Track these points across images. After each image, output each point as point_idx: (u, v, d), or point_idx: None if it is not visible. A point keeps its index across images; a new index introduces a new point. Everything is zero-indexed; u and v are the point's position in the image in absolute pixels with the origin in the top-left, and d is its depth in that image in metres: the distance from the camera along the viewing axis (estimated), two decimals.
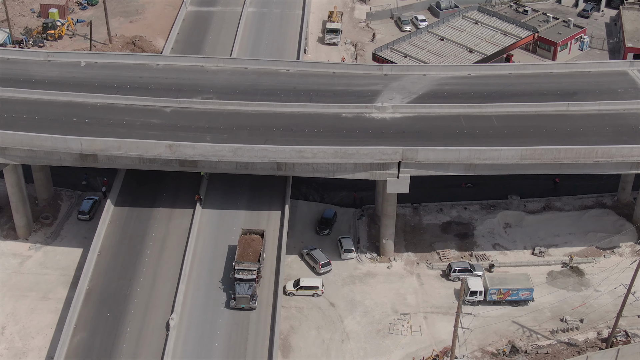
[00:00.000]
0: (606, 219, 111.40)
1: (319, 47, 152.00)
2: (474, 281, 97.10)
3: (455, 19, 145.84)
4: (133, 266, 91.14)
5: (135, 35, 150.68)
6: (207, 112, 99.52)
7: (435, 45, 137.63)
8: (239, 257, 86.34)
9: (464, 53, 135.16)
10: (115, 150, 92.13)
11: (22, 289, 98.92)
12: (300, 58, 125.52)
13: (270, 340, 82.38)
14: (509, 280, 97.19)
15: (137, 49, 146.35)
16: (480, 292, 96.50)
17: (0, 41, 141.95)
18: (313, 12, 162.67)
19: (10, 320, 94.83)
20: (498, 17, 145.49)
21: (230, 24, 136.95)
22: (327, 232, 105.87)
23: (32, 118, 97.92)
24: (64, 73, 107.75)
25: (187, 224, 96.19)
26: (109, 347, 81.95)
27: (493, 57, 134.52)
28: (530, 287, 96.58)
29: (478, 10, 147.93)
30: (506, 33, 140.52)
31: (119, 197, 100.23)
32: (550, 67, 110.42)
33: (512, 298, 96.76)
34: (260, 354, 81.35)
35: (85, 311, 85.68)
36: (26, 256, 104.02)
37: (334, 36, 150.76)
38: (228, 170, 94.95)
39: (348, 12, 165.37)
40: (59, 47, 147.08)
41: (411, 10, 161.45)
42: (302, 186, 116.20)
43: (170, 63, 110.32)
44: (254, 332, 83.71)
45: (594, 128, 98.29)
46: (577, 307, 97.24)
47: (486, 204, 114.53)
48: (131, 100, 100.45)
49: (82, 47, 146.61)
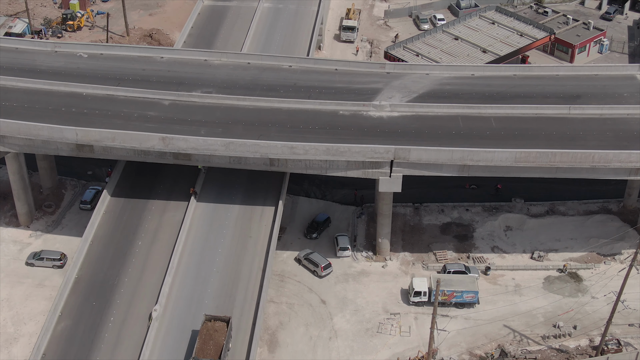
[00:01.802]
0: (610, 225, 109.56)
1: (334, 44, 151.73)
2: (419, 281, 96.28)
3: (472, 18, 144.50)
4: (123, 257, 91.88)
5: (153, 28, 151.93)
6: (205, 106, 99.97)
7: (449, 44, 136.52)
8: (197, 353, 77.83)
9: (477, 53, 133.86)
10: (110, 142, 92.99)
11: (19, 275, 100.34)
12: (310, 54, 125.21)
13: (250, 337, 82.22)
14: (454, 282, 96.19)
15: (153, 42, 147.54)
16: (424, 292, 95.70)
17: (19, 31, 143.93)
18: (332, 9, 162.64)
19: (4, 306, 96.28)
20: (516, 17, 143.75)
21: (244, 19, 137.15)
22: (315, 237, 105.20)
23: (32, 107, 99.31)
24: (69, 64, 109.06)
25: (180, 217, 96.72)
26: (92, 335, 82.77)
27: (507, 58, 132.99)
28: (475, 290, 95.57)
29: (496, 10, 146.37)
30: (522, 34, 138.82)
31: (116, 188, 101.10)
32: (556, 69, 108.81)
33: (456, 300, 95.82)
34: (240, 350, 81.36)
35: (72, 299, 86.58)
36: (26, 243, 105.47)
37: (350, 33, 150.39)
38: (221, 164, 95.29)
39: (367, 9, 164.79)
40: (77, 38, 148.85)
41: (431, 9, 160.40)
42: (304, 182, 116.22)
43: (174, 56, 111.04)
44: (235, 327, 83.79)
45: (595, 132, 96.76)
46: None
47: (489, 206, 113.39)
48: (131, 92, 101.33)
49: (100, 38, 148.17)
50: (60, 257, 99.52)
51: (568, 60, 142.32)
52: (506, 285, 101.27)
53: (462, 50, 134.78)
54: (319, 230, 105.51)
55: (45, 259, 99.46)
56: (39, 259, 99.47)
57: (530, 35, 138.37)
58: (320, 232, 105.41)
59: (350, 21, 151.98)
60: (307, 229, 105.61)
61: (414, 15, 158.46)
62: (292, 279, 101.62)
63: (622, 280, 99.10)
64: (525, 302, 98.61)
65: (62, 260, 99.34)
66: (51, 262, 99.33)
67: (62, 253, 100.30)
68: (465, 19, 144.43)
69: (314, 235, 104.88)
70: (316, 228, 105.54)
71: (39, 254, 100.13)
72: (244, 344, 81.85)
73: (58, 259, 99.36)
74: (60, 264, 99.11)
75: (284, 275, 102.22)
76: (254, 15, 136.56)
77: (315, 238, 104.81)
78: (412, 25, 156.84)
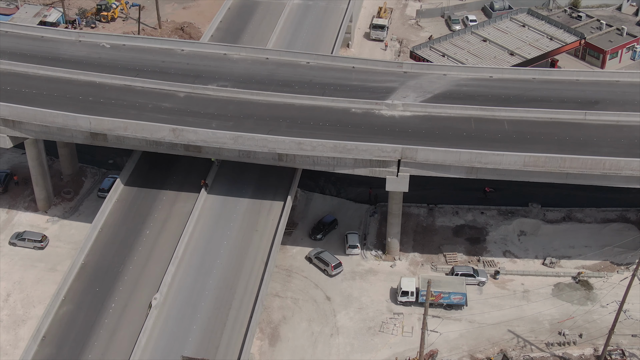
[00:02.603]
0: (627, 234, 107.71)
1: (364, 43, 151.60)
2: (407, 281, 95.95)
3: (503, 20, 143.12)
4: (130, 245, 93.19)
5: (185, 21, 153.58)
6: (219, 99, 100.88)
7: (476, 46, 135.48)
8: None
9: (504, 55, 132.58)
10: (122, 131, 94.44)
11: (33, 259, 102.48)
12: (334, 52, 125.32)
13: (246, 328, 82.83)
14: (442, 284, 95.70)
15: (184, 35, 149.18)
16: (412, 292, 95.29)
17: (53, 20, 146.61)
18: (364, 8, 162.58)
19: (16, 288, 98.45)
20: (547, 21, 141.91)
21: (273, 15, 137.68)
22: (320, 238, 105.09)
23: (51, 95, 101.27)
24: (91, 54, 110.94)
25: (190, 208, 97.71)
26: (92, 320, 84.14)
27: (535, 61, 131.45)
28: (462, 292, 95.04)
29: (528, 13, 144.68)
30: (552, 38, 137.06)
31: (130, 177, 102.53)
32: (576, 74, 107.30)
33: (444, 301, 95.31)
34: (235, 341, 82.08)
35: (77, 284, 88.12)
36: (43, 228, 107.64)
37: (380, 32, 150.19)
38: (231, 157, 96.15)
39: (400, 8, 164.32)
40: (111, 29, 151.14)
41: (464, 9, 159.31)
42: (320, 179, 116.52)
43: (195, 49, 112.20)
44: (232, 319, 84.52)
45: (609, 139, 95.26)
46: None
47: (505, 210, 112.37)
48: (147, 84, 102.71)
49: (132, 30, 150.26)
50: (42, 239, 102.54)
51: (599, 65, 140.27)
52: (514, 290, 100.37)
53: (489, 52, 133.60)
54: (324, 231, 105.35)
55: (27, 239, 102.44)
56: (21, 240, 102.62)
57: (560, 39, 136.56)
58: (325, 234, 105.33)
59: (381, 20, 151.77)
60: (313, 230, 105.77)
61: (446, 15, 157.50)
62: (300, 275, 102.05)
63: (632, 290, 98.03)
64: (532, 308, 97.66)
65: (42, 242, 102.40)
66: (32, 243, 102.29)
67: (43, 235, 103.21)
68: (495, 21, 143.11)
69: (318, 237, 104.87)
70: (321, 229, 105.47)
71: (22, 234, 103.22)
72: (240, 337, 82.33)
73: (39, 240, 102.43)
74: (40, 246, 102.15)
75: (292, 270, 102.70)
76: (282, 12, 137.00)
77: (319, 239, 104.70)
78: (444, 26, 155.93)
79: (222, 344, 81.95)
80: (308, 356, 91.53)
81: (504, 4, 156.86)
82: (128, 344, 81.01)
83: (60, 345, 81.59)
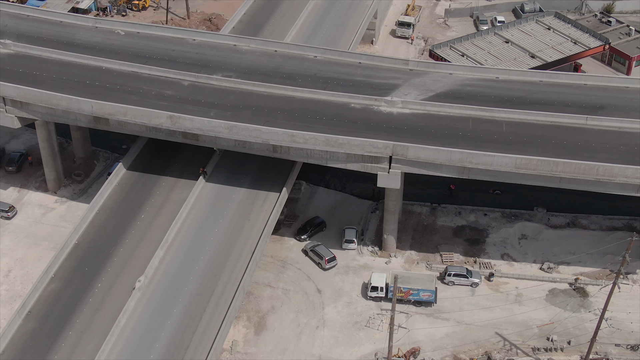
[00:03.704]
0: None
1: (389, 40, 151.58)
2: (377, 277, 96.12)
3: (528, 22, 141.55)
4: (124, 228, 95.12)
5: (214, 12, 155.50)
6: (221, 89, 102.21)
7: (497, 47, 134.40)
8: None
9: (524, 57, 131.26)
10: (122, 116, 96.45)
11: (37, 237, 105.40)
12: (350, 48, 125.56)
13: (225, 316, 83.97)
14: (412, 280, 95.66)
15: (212, 26, 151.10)
16: (381, 288, 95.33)
17: (85, 7, 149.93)
18: (394, 5, 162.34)
19: (17, 264, 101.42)
20: (573, 24, 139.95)
21: (297, 9, 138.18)
22: (305, 238, 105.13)
23: (60, 78, 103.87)
24: (105, 40, 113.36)
25: (187, 195, 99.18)
26: (77, 299, 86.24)
27: (555, 65, 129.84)
28: (431, 289, 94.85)
29: (555, 16, 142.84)
30: (576, 42, 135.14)
31: (133, 162, 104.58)
32: (584, 78, 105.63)
33: (413, 297, 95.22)
34: (212, 326, 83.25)
35: (67, 263, 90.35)
36: (50, 208, 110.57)
37: (405, 30, 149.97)
38: (228, 147, 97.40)
39: (431, 7, 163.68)
40: (141, 17, 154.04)
41: (494, 10, 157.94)
42: (326, 173, 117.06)
43: (206, 40, 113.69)
44: (213, 305, 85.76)
45: (608, 145, 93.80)
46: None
47: (509, 212, 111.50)
48: (154, 71, 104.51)
49: (161, 19, 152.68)
50: (9, 210, 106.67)
51: (625, 72, 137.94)
52: (507, 294, 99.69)
53: (510, 53, 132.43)
54: (309, 232, 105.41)
55: None
56: None
57: (584, 44, 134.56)
58: (311, 235, 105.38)
59: (407, 17, 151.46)
60: (298, 230, 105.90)
61: (474, 15, 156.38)
62: (294, 266, 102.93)
63: (625, 298, 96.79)
64: (523, 312, 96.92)
65: (9, 212, 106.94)
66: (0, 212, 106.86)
67: (10, 205, 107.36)
68: (520, 23, 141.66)
69: (302, 237, 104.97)
70: (307, 230, 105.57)
71: None
72: (217, 323, 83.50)
73: (6, 210, 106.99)
74: (7, 216, 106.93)
75: (287, 261, 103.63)
76: (305, 7, 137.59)
77: (303, 240, 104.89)
78: (472, 26, 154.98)
79: (200, 328, 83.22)
80: (291, 347, 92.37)
81: (535, 6, 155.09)
82: (108, 324, 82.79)
83: (44, 320, 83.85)
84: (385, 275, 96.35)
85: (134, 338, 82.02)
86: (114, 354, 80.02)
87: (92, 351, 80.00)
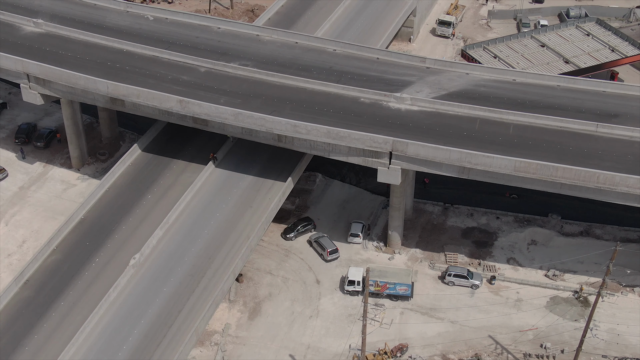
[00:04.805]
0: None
1: (428, 39, 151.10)
2: (354, 271, 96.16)
3: (568, 27, 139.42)
4: (129, 207, 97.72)
5: (257, 4, 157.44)
6: (236, 77, 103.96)
7: (532, 50, 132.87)
8: None
9: (558, 63, 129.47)
10: (135, 98, 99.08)
11: (55, 212, 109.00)
12: (380, 45, 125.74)
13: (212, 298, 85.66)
14: (388, 274, 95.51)
15: (254, 17, 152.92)
16: (358, 282, 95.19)
17: None
18: (439, 4, 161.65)
19: (32, 236, 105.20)
20: (614, 32, 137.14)
21: (334, 4, 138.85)
22: (291, 237, 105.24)
23: (83, 59, 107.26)
24: (134, 24, 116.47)
25: (195, 178, 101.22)
26: (73, 272, 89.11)
27: (589, 71, 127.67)
28: (407, 283, 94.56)
29: (596, 22, 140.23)
30: (614, 49, 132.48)
31: (148, 144, 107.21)
32: (603, 85, 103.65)
33: (389, 292, 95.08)
34: (198, 308, 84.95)
35: (70, 237, 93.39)
36: (72, 185, 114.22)
37: (445, 28, 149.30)
38: (235, 134, 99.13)
39: (475, 8, 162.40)
40: (187, 6, 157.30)
41: (539, 14, 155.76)
42: (343, 167, 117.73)
43: (230, 28, 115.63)
44: (202, 287, 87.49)
45: (614, 154, 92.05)
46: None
47: (522, 217, 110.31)
48: (173, 56, 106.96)
49: (205, 8, 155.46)
50: None
51: None
52: (507, 298, 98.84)
53: (543, 57, 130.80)
54: (296, 232, 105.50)
55: None
56: None
57: (622, 52, 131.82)
58: (297, 235, 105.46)
59: (448, 16, 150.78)
60: (286, 229, 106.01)
61: (518, 18, 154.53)
62: (297, 256, 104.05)
63: (628, 311, 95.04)
64: (520, 318, 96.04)
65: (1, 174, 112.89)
66: None
67: (1, 168, 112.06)
68: (560, 27, 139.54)
69: (289, 235, 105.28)
70: (293, 229, 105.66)
71: None
72: (204, 305, 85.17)
73: None
74: None
75: (291, 251, 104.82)
76: (342, 2, 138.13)
77: (290, 239, 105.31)
78: (515, 29, 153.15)
79: (185, 308, 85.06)
80: (282, 334, 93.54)
81: (581, 12, 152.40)
82: (100, 297, 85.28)
83: (39, 290, 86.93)
84: (362, 269, 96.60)
85: (121, 312, 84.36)
86: (99, 326, 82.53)
87: (79, 322, 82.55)
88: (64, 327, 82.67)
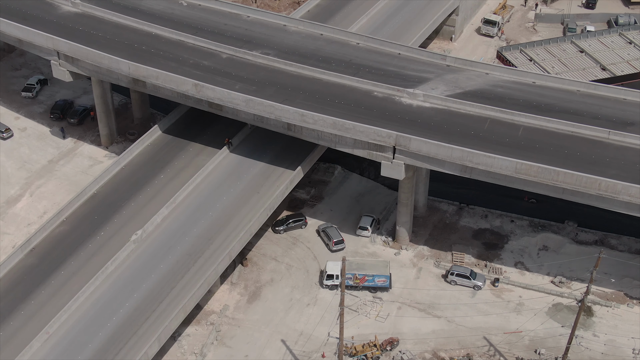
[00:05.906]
0: None
1: (472, 38, 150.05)
2: (332, 265, 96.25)
3: (610, 34, 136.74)
4: (141, 184, 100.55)
5: None
6: (255, 64, 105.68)
7: (570, 55, 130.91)
8: None
9: (595, 69, 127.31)
10: (154, 80, 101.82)
11: (79, 186, 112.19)
12: (413, 42, 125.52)
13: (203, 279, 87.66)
14: (366, 267, 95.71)
15: None
16: (336, 275, 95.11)
17: None
18: (487, 4, 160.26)
19: (53, 208, 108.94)
20: None
21: None
22: (280, 230, 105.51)
23: (112, 39, 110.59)
24: (167, 9, 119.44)
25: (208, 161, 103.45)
26: (78, 243, 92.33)
27: (625, 80, 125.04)
28: (386, 274, 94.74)
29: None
30: None
31: (170, 126, 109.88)
32: (624, 93, 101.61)
33: (368, 284, 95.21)
34: (191, 285, 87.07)
35: (80, 210, 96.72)
36: (98, 161, 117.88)
37: (490, 28, 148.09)
38: (247, 120, 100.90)
39: (524, 10, 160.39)
40: None
41: (587, 20, 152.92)
42: (363, 161, 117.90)
43: (259, 17, 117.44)
44: (198, 267, 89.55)
45: (623, 162, 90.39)
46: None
47: (537, 222, 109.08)
48: (198, 42, 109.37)
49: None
50: (5, 131, 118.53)
51: None
52: (508, 301, 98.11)
53: (580, 63, 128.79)
54: (285, 226, 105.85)
55: None
56: None
57: None
58: (287, 230, 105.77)
59: (494, 16, 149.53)
60: (276, 222, 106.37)
61: (565, 23, 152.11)
62: (304, 245, 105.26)
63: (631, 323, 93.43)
64: (519, 322, 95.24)
65: (4, 133, 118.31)
66: None
67: (7, 127, 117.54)
68: (602, 34, 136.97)
69: (277, 228, 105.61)
70: (283, 223, 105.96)
71: None
72: (196, 284, 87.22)
73: (2, 131, 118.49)
74: (2, 136, 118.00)
75: (299, 239, 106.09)
76: None
77: (279, 232, 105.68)
78: (561, 33, 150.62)
79: (178, 286, 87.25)
80: (277, 319, 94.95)
81: (630, 19, 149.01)
82: (98, 269, 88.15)
83: (43, 258, 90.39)
84: (340, 263, 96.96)
85: (117, 285, 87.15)
86: (93, 297, 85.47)
87: (75, 291, 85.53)
88: (60, 295, 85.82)
